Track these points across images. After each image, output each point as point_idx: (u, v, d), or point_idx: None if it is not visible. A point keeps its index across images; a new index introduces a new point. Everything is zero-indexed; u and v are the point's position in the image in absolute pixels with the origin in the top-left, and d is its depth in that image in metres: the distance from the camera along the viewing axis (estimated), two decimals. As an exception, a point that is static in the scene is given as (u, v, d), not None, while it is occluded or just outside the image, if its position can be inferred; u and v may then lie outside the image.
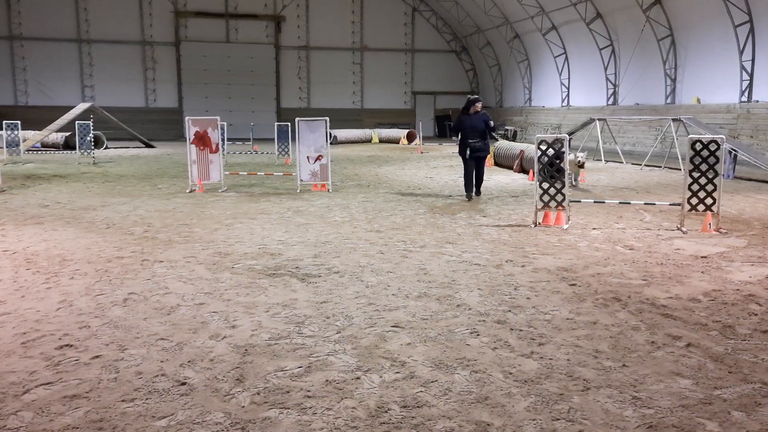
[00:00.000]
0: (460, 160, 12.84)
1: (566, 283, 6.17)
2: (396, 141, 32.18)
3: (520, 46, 34.34)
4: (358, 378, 3.93)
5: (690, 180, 8.91)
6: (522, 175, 16.67)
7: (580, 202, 10.61)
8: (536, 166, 9.35)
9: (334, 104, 38.00)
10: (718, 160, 8.79)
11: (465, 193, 12.31)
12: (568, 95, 31.02)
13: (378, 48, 39.27)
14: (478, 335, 4.70)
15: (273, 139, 22.27)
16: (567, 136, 9.46)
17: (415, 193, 13.09)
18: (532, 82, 34.41)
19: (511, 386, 3.81)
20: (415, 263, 6.98)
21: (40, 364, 4.14)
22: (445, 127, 39.41)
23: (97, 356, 4.28)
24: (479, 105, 12.12)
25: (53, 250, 7.60)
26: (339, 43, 38.78)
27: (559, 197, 9.22)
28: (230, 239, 8.33)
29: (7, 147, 21.07)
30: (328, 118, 13.58)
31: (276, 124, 22.21)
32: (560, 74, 31.26)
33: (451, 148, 27.02)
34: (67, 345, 4.49)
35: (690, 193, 8.92)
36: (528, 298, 5.68)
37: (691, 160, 8.85)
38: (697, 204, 8.92)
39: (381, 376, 3.95)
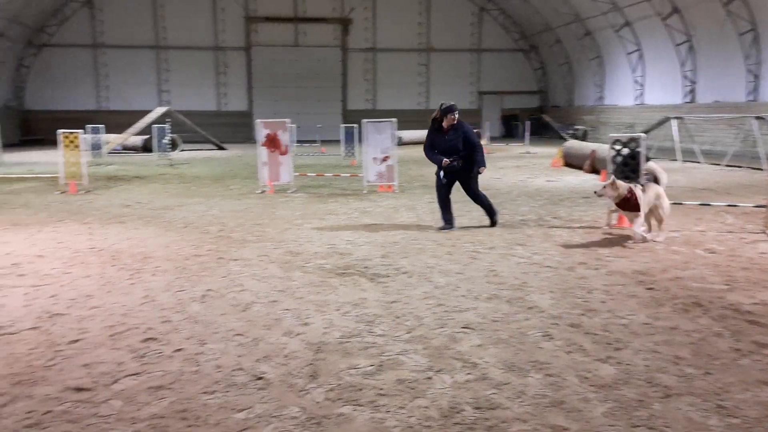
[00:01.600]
0: (529, 161, 12.56)
1: (643, 287, 5.99)
2: (462, 142, 31.97)
3: (591, 44, 33.48)
4: (429, 378, 3.94)
5: (776, 181, 8.47)
6: (593, 176, 16.26)
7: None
8: (610, 167, 9.10)
9: (399, 105, 38.10)
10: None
11: (442, 223, 9.15)
12: (642, 93, 30.01)
13: (444, 48, 39.13)
14: (551, 338, 4.63)
15: (339, 141, 22.55)
16: (644, 135, 9.17)
17: (482, 194, 12.95)
18: (604, 80, 33.49)
19: (587, 391, 3.74)
20: (484, 265, 6.93)
21: (127, 355, 4.35)
22: (512, 128, 38.89)
23: (179, 349, 4.46)
24: (455, 115, 8.77)
25: (136, 247, 7.96)
26: (405, 44, 38.87)
27: (633, 198, 8.93)
28: (300, 239, 8.50)
29: (91, 150, 22.17)
30: (395, 120, 13.65)
31: (342, 125, 22.48)
32: (633, 71, 30.28)
33: (519, 149, 26.65)
34: (151, 338, 4.69)
35: (776, 195, 8.48)
36: (603, 301, 5.54)
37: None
38: (784, 206, 8.47)
39: (453, 377, 3.95)
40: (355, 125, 21.43)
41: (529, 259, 7.20)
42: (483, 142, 29.45)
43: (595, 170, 16.68)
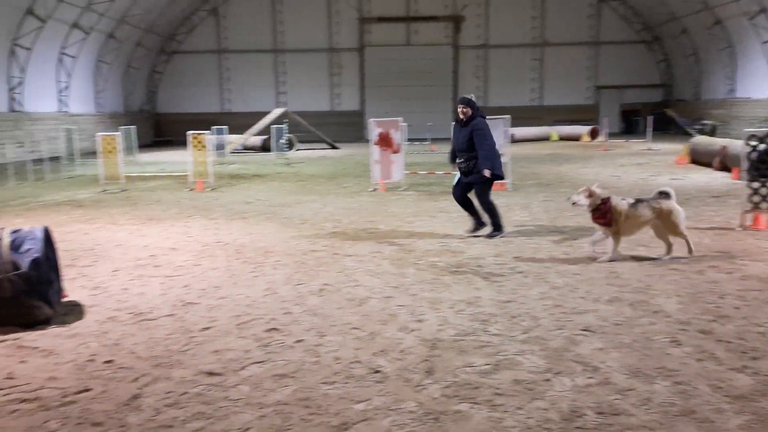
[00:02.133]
0: (651, 158, 11.92)
1: (782, 293, 5.53)
2: (577, 138, 30.92)
3: (721, 33, 31.23)
4: (548, 380, 3.87)
5: None
6: (723, 173, 15.19)
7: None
8: (745, 164, 8.47)
9: (511, 102, 37.39)
10: None
11: (472, 225, 8.60)
12: (779, 84, 27.63)
13: (559, 42, 37.97)
14: (679, 345, 4.39)
15: (449, 139, 22.47)
16: (782, 129, 8.45)
17: (600, 193, 12.48)
18: (735, 71, 31.14)
19: (721, 401, 3.52)
20: (604, 266, 6.68)
21: (252, 344, 4.60)
22: (632, 123, 37.07)
23: (299, 340, 4.65)
24: (462, 109, 8.39)
25: (257, 242, 8.37)
26: (518, 39, 38.12)
27: (771, 198, 8.27)
28: (412, 236, 8.58)
29: (215, 150, 23.52)
30: (509, 117, 13.43)
31: (453, 123, 22.41)
32: (770, 61, 27.94)
33: (640, 145, 25.39)
34: (273, 329, 4.93)
35: None
36: (737, 307, 5.18)
37: None
38: None
39: (573, 380, 3.85)
40: (466, 123, 21.27)
41: (653, 260, 6.85)
42: (600, 138, 28.45)
43: (725, 167, 15.57)
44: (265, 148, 27.98)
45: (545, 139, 31.36)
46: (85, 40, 29.80)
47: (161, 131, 38.31)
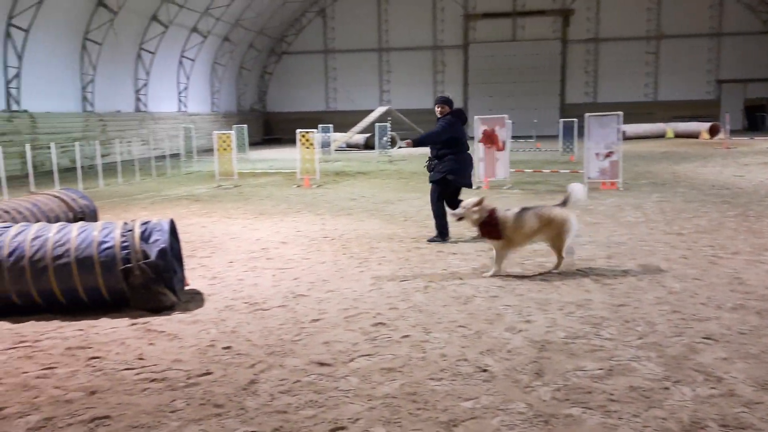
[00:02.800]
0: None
1: None
2: (695, 135, 29.19)
3: None
4: (666, 388, 3.69)
5: None
6: None
7: None
8: None
9: (622, 98, 35.87)
10: None
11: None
12: None
13: (676, 34, 35.95)
14: (814, 358, 4.06)
15: (556, 136, 21.89)
16: None
17: (721, 194, 11.74)
18: None
19: None
20: (726, 271, 6.27)
21: (360, 337, 4.70)
22: (756, 119, 34.50)
23: (406, 336, 4.71)
24: (439, 108, 8.09)
25: (362, 238, 8.53)
26: (631, 32, 36.46)
27: None
28: (519, 235, 8.41)
29: (321, 147, 24.19)
30: (621, 113, 12.90)
31: (561, 120, 21.80)
32: None
33: (765, 143, 23.60)
34: (380, 323, 5.01)
35: None
36: None
37: None
38: None
39: (694, 390, 3.65)
40: (574, 119, 20.65)
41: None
42: (721, 135, 26.66)
43: None
44: (368, 145, 28.45)
45: (660, 136, 29.83)
46: (203, 43, 31.53)
47: (270, 129, 39.90)
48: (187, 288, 6.00)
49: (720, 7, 35.58)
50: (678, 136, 29.76)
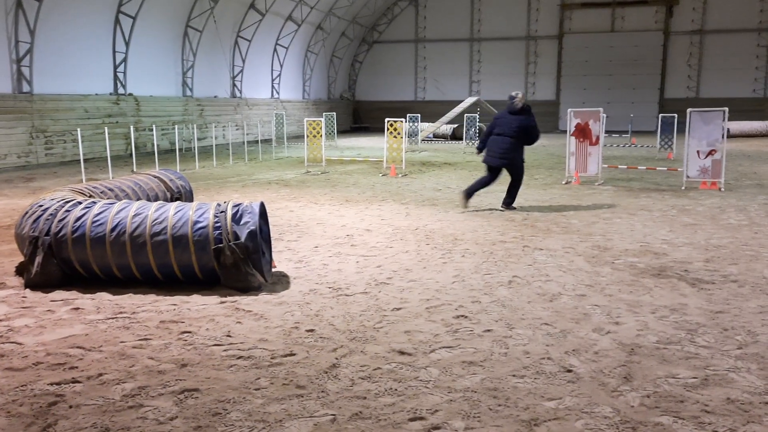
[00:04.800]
0: None
1: None
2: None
3: None
4: (767, 403, 3.45)
5: None
6: None
7: None
8: None
9: (728, 93, 33.78)
10: None
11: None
12: None
13: (793, 26, 33.46)
14: None
15: (653, 132, 20.92)
16: None
17: (837, 199, 10.86)
18: None
19: None
20: (840, 282, 5.80)
21: (441, 328, 4.68)
22: None
23: (488, 330, 4.64)
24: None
25: (446, 229, 8.48)
26: (741, 24, 34.21)
27: None
28: (609, 233, 8.13)
29: (408, 137, 24.21)
30: (726, 109, 12.14)
31: (660, 115, 20.80)
32: None
33: None
34: (462, 315, 4.96)
35: None
36: None
37: None
38: None
39: (799, 408, 3.40)
40: (674, 115, 19.65)
41: None
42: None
43: None
44: (455, 136, 28.22)
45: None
46: (297, 31, 32.22)
47: (359, 118, 40.34)
48: (274, 270, 6.16)
49: None
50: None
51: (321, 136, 15.80)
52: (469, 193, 10.12)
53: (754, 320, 4.80)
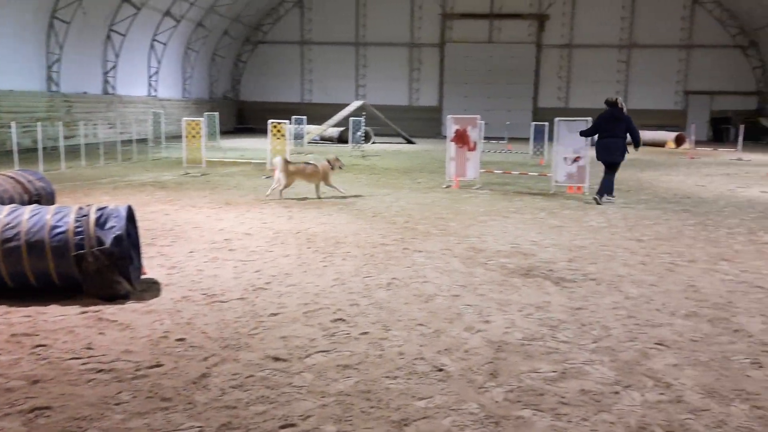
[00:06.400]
0: (740, 168, 11.42)
1: None
2: (661, 144, 29.71)
3: (828, 38, 29.23)
4: (616, 393, 3.73)
5: None
6: (821, 189, 14.22)
7: None
8: None
9: (594, 104, 35.95)
10: None
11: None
12: None
13: (648, 44, 36.55)
14: (761, 367, 4.15)
15: (528, 139, 22.08)
16: None
17: (683, 202, 11.97)
18: (841, 79, 29.06)
19: (805, 432, 3.30)
20: (682, 279, 6.39)
21: (318, 333, 4.66)
22: (721, 131, 35.25)
23: (365, 332, 4.68)
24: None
25: (329, 232, 8.48)
26: (604, 40, 36.92)
27: None
28: (483, 235, 8.47)
29: (294, 139, 23.99)
30: (590, 119, 13.03)
31: (533, 123, 21.98)
32: None
33: (729, 155, 24.16)
34: (340, 319, 4.97)
35: None
36: (828, 333, 4.84)
37: None
38: None
39: (643, 395, 3.70)
40: (545, 123, 20.84)
41: (736, 276, 6.50)
42: (686, 145, 27.18)
43: (824, 183, 14.57)
44: (341, 139, 28.32)
45: (628, 143, 30.29)
46: (176, 27, 31.01)
47: (243, 118, 39.48)
48: (143, 277, 5.87)
49: (691, 19, 36.26)
50: (645, 144, 30.24)
51: (201, 136, 15.29)
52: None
53: (608, 315, 5.18)
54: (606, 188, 11.70)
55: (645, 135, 30.93)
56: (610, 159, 11.61)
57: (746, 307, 5.47)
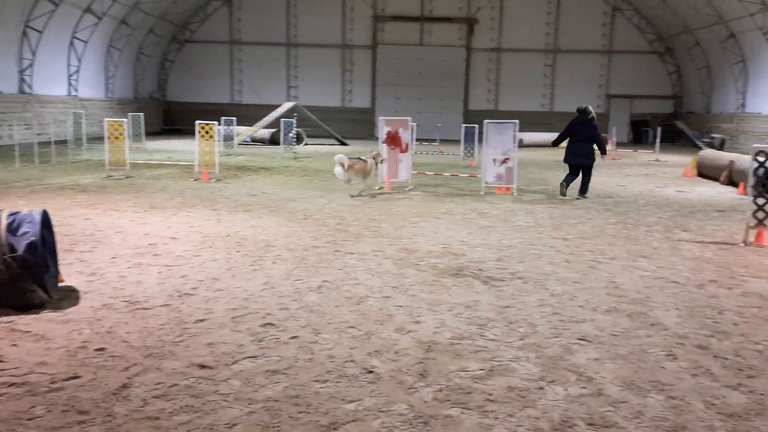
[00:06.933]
0: (658, 169, 12.01)
1: (783, 312, 5.48)
2: (586, 146, 30.79)
3: (734, 47, 31.07)
4: (541, 388, 3.83)
5: None
6: (730, 188, 15.10)
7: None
8: (751, 179, 8.41)
9: (522, 107, 37.34)
10: None
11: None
12: (792, 101, 27.46)
13: (572, 49, 37.86)
14: (675, 359, 4.35)
15: (459, 141, 22.43)
16: (792, 146, 8.39)
17: (605, 202, 12.44)
18: (747, 86, 30.97)
19: (714, 419, 3.48)
20: (604, 275, 6.63)
21: (246, 338, 4.57)
22: (641, 133, 36.91)
23: (294, 337, 4.63)
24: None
25: (259, 235, 8.34)
26: (531, 44, 37.99)
27: (777, 215, 8.21)
28: (415, 236, 8.54)
29: (223, 140, 23.53)
30: (517, 121, 13.38)
31: (463, 125, 22.35)
32: (784, 77, 27.76)
33: (648, 156, 25.30)
34: (269, 323, 4.90)
35: None
36: (735, 324, 5.13)
37: None
38: None
39: (566, 389, 3.81)
40: (475, 125, 21.24)
41: (653, 272, 6.80)
42: (608, 147, 28.28)
43: (732, 182, 15.48)
44: (273, 141, 27.97)
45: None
46: (97, 25, 29.85)
47: (171, 119, 38.37)
48: (61, 285, 5.61)
49: (612, 26, 37.78)
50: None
51: (124, 137, 14.76)
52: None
53: (535, 313, 5.31)
54: (568, 181, 12.84)
55: (570, 137, 32.04)
56: (575, 161, 12.67)
57: (662, 301, 5.73)
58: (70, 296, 5.38)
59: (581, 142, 12.60)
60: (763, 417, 3.51)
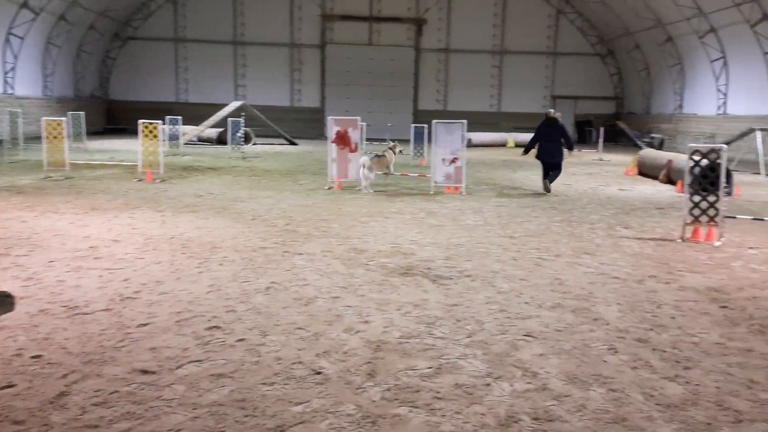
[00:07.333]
0: (601, 168, 12.39)
1: (717, 304, 5.71)
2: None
3: (672, 50, 32.24)
4: (488, 384, 3.88)
5: None
6: (668, 186, 15.65)
7: (735, 218, 9.78)
8: (687, 178, 8.73)
9: (470, 107, 37.79)
10: None
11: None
12: (725, 102, 28.67)
13: (518, 51, 38.56)
14: (616, 352, 4.47)
15: (409, 140, 22.54)
16: (724, 146, 8.75)
17: (550, 200, 12.71)
18: (684, 87, 32.18)
19: (653, 409, 3.59)
20: (549, 272, 6.78)
21: (191, 342, 4.48)
22: (585, 133, 37.86)
23: (241, 339, 4.56)
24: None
25: (205, 237, 8.19)
26: (479, 45, 38.51)
27: (711, 212, 8.56)
28: (365, 236, 8.54)
29: (168, 140, 23.01)
30: (465, 121, 13.53)
31: (412, 125, 22.48)
32: (717, 80, 28.96)
33: (592, 156, 25.98)
34: (215, 326, 4.81)
35: None
36: (673, 317, 5.32)
37: None
38: None
39: (512, 385, 3.87)
40: (425, 125, 21.38)
41: (596, 269, 6.99)
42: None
43: (671, 180, 16.05)
44: (220, 140, 27.52)
45: (502, 145, 31.75)
46: (35, 20, 28.77)
47: (114, 118, 37.27)
48: (-5, 290, 5.38)
49: (556, 28, 38.65)
50: (518, 145, 31.84)
51: (63, 137, 14.27)
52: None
53: (482, 310, 5.38)
54: (551, 179, 13.96)
55: (518, 137, 32.70)
56: (549, 160, 13.70)
57: (604, 296, 5.89)
58: (5, 302, 5.16)
59: (554, 141, 13.51)
60: (698, 407, 3.64)
